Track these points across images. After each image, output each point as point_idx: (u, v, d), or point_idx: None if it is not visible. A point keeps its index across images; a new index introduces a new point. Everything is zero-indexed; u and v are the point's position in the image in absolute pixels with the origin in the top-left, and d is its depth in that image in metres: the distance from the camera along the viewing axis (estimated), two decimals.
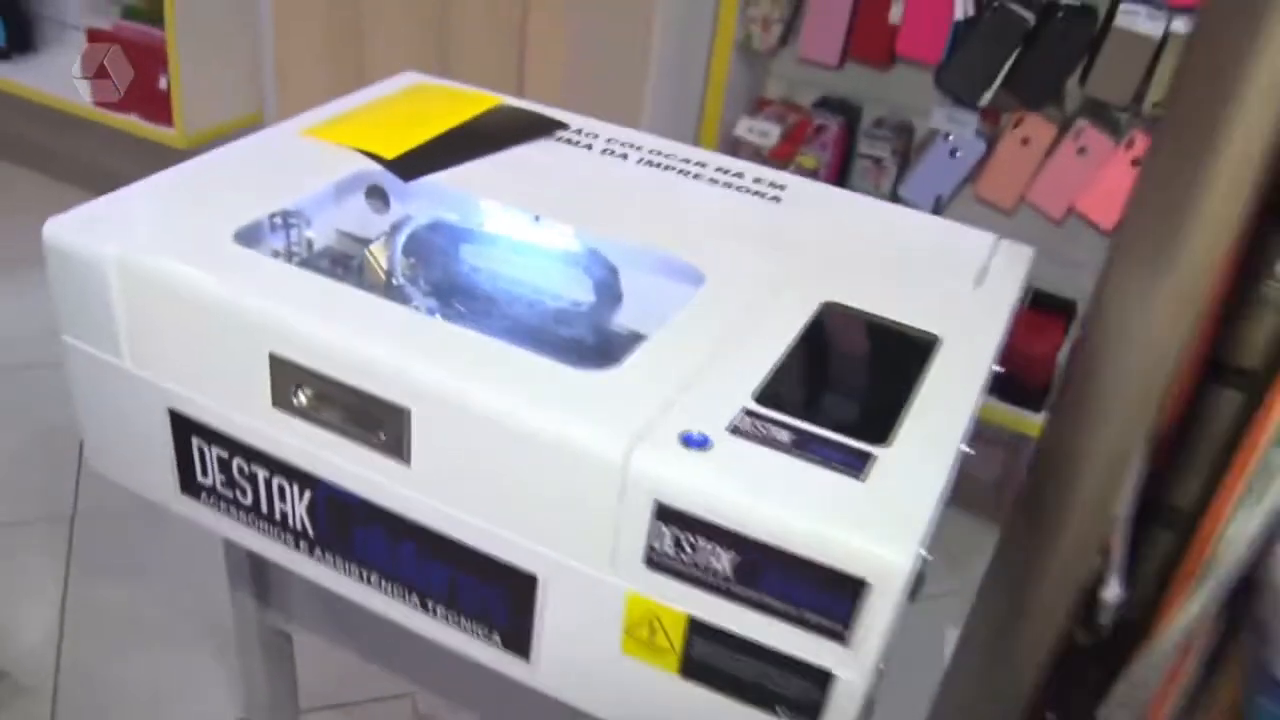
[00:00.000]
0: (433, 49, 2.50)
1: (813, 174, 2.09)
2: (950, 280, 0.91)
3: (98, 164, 3.00)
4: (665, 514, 0.67)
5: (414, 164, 1.02)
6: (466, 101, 1.16)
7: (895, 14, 1.97)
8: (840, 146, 2.16)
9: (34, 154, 3.19)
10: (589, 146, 1.09)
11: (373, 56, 2.59)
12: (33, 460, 2.09)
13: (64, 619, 1.76)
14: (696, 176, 1.04)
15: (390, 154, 1.03)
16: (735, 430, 0.70)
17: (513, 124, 1.11)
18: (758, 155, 2.14)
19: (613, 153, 1.08)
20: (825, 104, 2.24)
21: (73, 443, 2.10)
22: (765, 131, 2.16)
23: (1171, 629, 0.67)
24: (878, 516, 0.65)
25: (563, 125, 1.12)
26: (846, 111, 2.21)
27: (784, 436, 0.70)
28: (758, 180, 1.05)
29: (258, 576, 1.14)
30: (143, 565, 1.86)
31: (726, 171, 1.06)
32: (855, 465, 0.68)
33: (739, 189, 1.03)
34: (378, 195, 1.07)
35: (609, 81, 2.20)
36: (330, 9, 2.55)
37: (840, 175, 2.19)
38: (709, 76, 2.18)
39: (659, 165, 1.06)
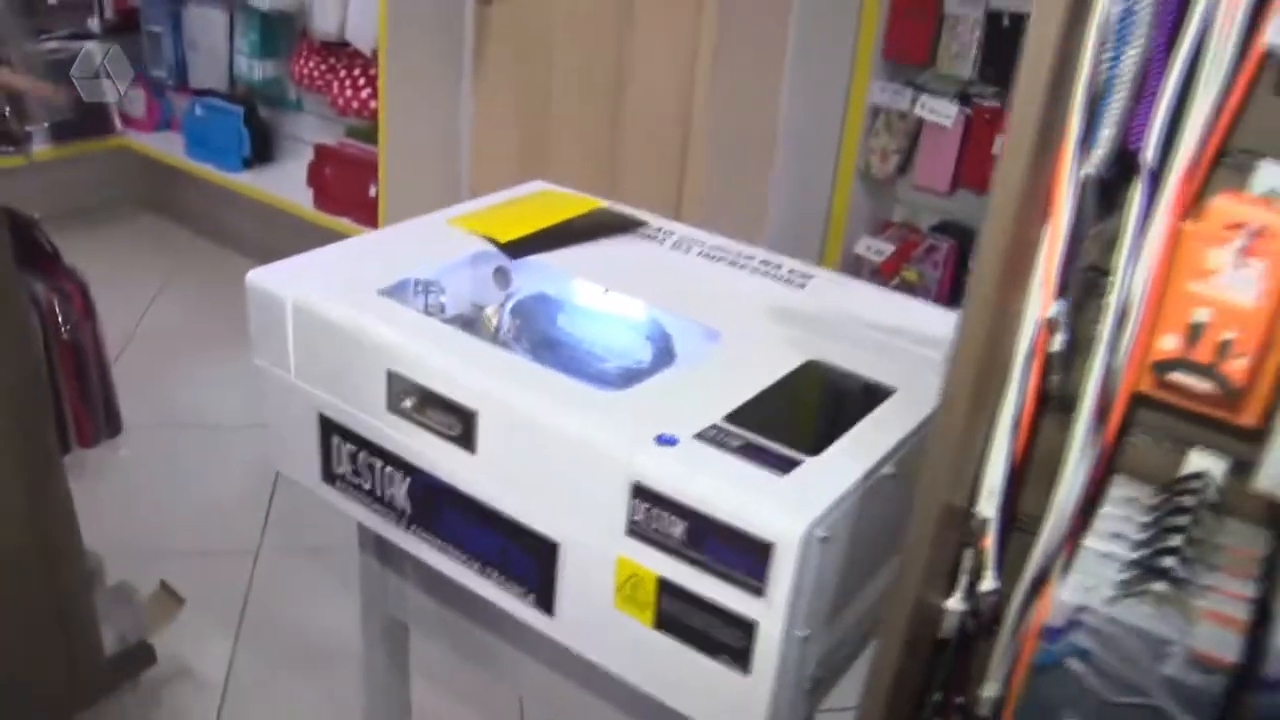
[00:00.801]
0: (606, 175, 2.85)
1: (914, 286, 2.31)
2: (926, 350, 1.13)
3: None
4: (639, 492, 0.92)
5: (522, 247, 1.31)
6: (576, 203, 1.45)
7: (998, 145, 2.19)
8: (951, 265, 2.37)
9: (261, 249, 3.70)
10: (662, 241, 1.36)
11: (554, 175, 2.95)
12: (227, 505, 2.46)
13: (239, 634, 2.09)
14: (742, 267, 1.30)
15: (506, 239, 1.32)
16: (699, 436, 0.94)
17: (606, 222, 1.40)
18: (872, 270, 2.37)
19: (679, 246, 1.35)
20: (943, 227, 2.46)
21: (263, 492, 2.47)
22: (881, 250, 2.40)
23: (1009, 613, 0.87)
24: (787, 501, 0.88)
25: (644, 224, 1.40)
26: (962, 234, 2.43)
27: (736, 444, 0.94)
28: (791, 271, 1.29)
29: (382, 567, 1.42)
30: (311, 599, 2.19)
31: (767, 263, 1.31)
32: (783, 466, 0.91)
33: (773, 277, 1.28)
34: (501, 274, 1.37)
35: (743, 203, 2.48)
36: (520, 134, 2.94)
37: (952, 290, 2.40)
38: (833, 200, 2.45)
39: (714, 257, 1.32)
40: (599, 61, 2.74)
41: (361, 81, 3.17)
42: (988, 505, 0.88)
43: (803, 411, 1.03)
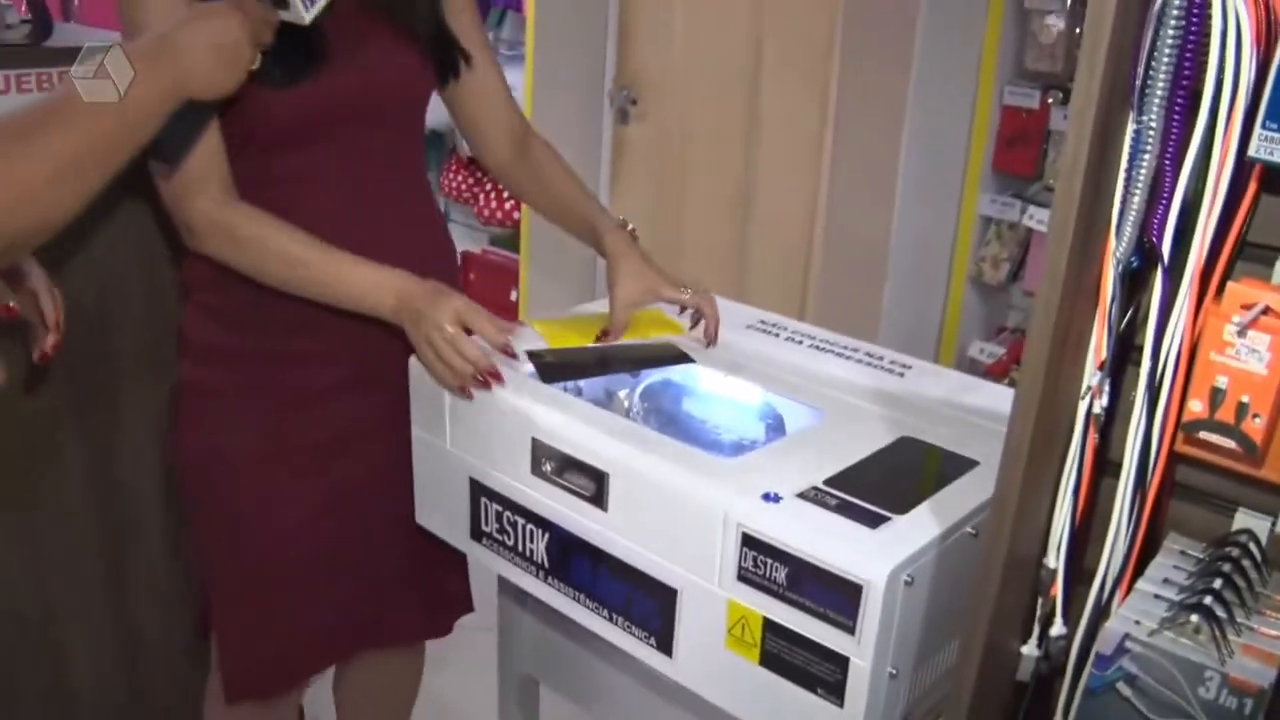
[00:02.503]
0: (734, 277, 3.04)
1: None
2: None
3: None
4: (748, 541, 1.06)
5: (558, 370, 1.42)
6: (663, 324, 1.58)
7: None
8: None
9: None
10: (777, 335, 1.52)
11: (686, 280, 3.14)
12: None
13: None
14: (847, 358, 1.45)
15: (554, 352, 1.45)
16: (801, 495, 1.09)
17: (663, 355, 1.52)
18: (982, 372, 2.48)
19: (793, 340, 1.51)
20: None
21: None
22: (993, 353, 2.50)
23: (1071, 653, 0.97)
24: (876, 548, 1.01)
25: (764, 320, 1.55)
26: None
27: (832, 503, 1.08)
28: (892, 361, 1.44)
29: (520, 620, 1.57)
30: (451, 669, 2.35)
31: (870, 355, 1.45)
32: (874, 522, 1.05)
33: (875, 366, 1.42)
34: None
35: (861, 308, 2.63)
36: (653, 243, 3.15)
37: None
38: (946, 305, 2.57)
39: (822, 349, 1.48)
40: (728, 178, 2.94)
41: (505, 194, 3.44)
42: (1054, 557, 1.00)
43: (894, 479, 1.16)
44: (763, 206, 2.86)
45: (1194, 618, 0.86)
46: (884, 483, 1.14)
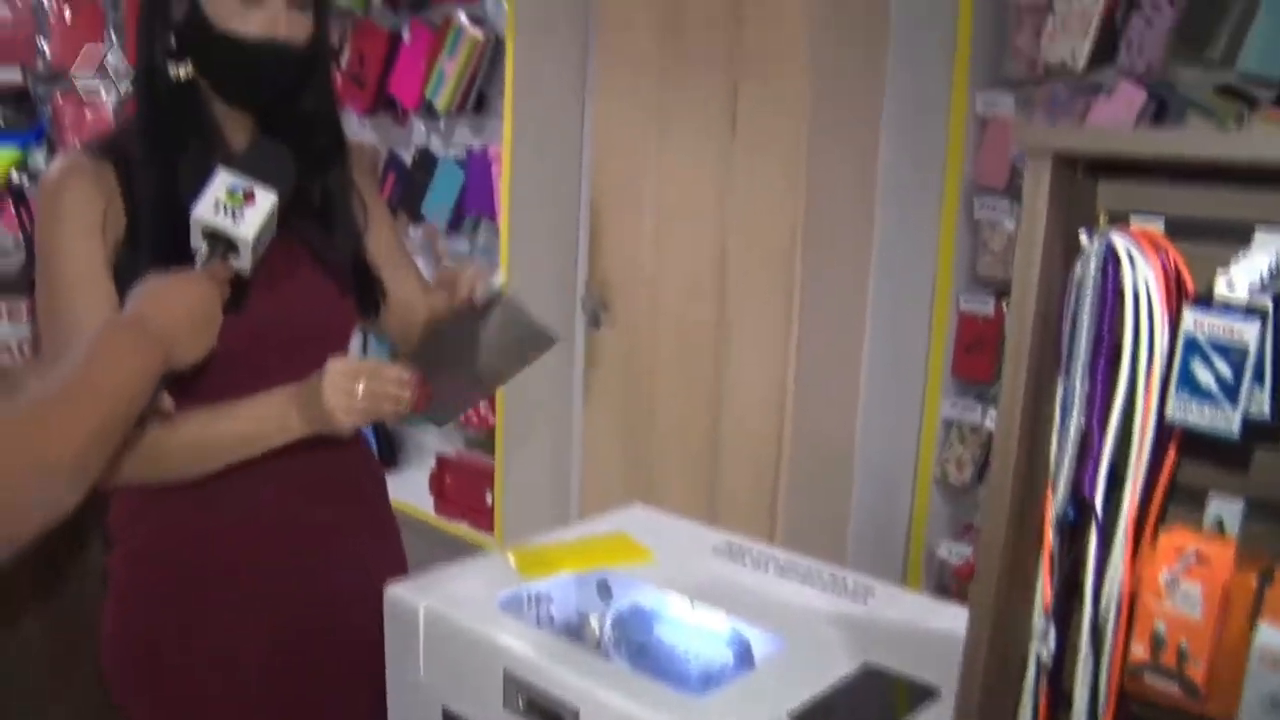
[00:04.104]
0: (705, 484, 3.07)
1: None
2: None
3: (431, 562, 3.71)
4: None
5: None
6: (632, 551, 1.62)
7: None
8: None
9: None
10: (743, 560, 1.56)
11: (657, 488, 3.16)
12: None
13: None
14: (811, 583, 1.48)
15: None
16: None
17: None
18: (951, 573, 2.51)
19: (759, 566, 1.54)
20: None
21: None
22: (961, 553, 2.53)
23: None
24: None
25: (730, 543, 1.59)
26: None
27: None
28: (856, 585, 1.47)
29: None
30: None
31: (834, 577, 1.49)
32: None
33: (839, 592, 1.46)
34: (604, 589, 1.57)
35: (829, 514, 2.67)
36: (625, 452, 3.20)
37: None
38: (913, 508, 2.62)
39: (787, 574, 1.51)
40: (698, 384, 3.01)
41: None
42: None
43: (857, 711, 1.18)
44: (732, 415, 2.92)
45: None
46: (847, 715, 1.16)
